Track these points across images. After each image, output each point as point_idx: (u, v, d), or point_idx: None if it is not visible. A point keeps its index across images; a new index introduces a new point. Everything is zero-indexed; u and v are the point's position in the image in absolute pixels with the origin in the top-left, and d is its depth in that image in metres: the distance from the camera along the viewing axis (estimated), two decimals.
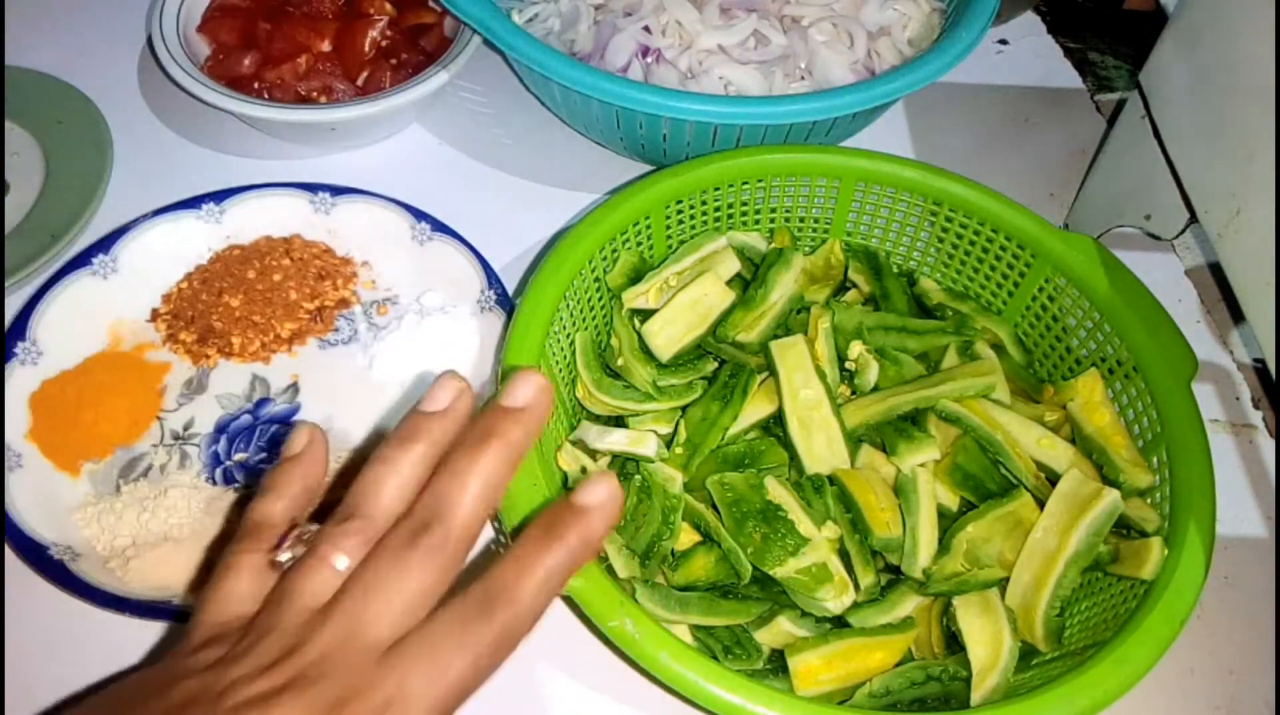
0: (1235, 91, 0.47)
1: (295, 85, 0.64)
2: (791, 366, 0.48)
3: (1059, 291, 0.51)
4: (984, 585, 0.44)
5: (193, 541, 0.48)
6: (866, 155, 0.53)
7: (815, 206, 0.55)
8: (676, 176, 0.52)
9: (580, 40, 0.63)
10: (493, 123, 0.70)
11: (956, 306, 0.53)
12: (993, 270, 0.54)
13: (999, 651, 0.42)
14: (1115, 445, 0.47)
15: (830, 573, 0.43)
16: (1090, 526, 0.43)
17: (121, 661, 0.46)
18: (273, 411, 0.54)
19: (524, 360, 0.45)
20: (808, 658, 0.42)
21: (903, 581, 0.45)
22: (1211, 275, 0.65)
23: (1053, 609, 0.42)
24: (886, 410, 0.47)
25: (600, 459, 0.48)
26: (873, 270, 0.54)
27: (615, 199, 0.51)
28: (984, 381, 0.48)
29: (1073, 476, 0.44)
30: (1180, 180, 0.52)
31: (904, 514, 0.45)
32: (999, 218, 0.52)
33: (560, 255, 0.49)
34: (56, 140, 0.64)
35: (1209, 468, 0.44)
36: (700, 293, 0.51)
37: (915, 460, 0.46)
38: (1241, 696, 0.48)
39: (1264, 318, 0.44)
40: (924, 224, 0.54)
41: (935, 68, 0.57)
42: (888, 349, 0.50)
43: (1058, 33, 0.80)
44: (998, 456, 0.46)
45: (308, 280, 0.57)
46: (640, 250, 0.53)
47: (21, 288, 0.57)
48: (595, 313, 0.52)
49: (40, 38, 0.72)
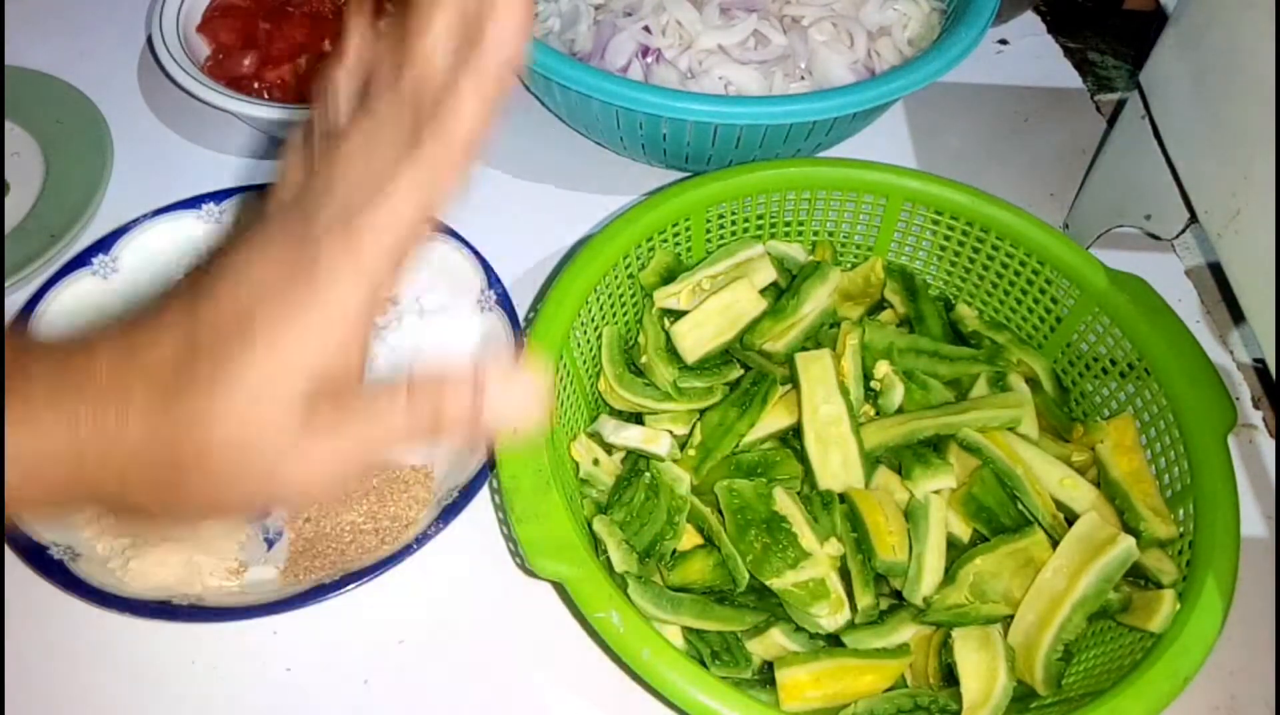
0: (1235, 91, 0.47)
1: (295, 85, 0.64)
2: (814, 380, 0.47)
3: (1103, 331, 0.50)
4: (986, 620, 0.43)
5: (192, 541, 0.48)
6: (916, 175, 0.53)
7: (860, 223, 0.55)
8: (721, 180, 0.52)
9: (580, 40, 0.63)
10: (493, 123, 0.70)
11: (993, 336, 0.52)
12: (1036, 303, 0.52)
13: (992, 688, 0.41)
14: (1140, 492, 0.45)
15: (828, 589, 0.43)
16: (1101, 572, 0.42)
17: (122, 661, 0.46)
18: None
19: (548, 345, 0.45)
20: (796, 672, 0.42)
21: (903, 608, 0.44)
22: (1211, 275, 0.65)
23: (1054, 651, 0.41)
24: (907, 433, 0.47)
25: (614, 453, 0.49)
26: (908, 291, 0.53)
27: (656, 198, 0.51)
28: (1010, 413, 0.47)
29: (1089, 519, 0.43)
30: (1180, 180, 0.52)
31: (912, 539, 0.44)
32: (1046, 250, 0.50)
33: (596, 248, 0.49)
34: (56, 140, 0.64)
35: (1235, 525, 0.42)
36: (732, 298, 0.51)
37: (930, 486, 0.45)
38: (1241, 696, 0.48)
39: (1264, 318, 0.44)
40: (969, 251, 0.53)
41: (935, 68, 0.57)
42: (917, 372, 0.50)
43: (1058, 33, 0.80)
44: (1016, 491, 0.45)
45: None
46: (678, 251, 0.53)
47: (21, 288, 0.57)
48: (626, 308, 0.53)
49: (40, 38, 0.72)
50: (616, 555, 0.44)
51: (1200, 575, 0.41)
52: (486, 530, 0.51)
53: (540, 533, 0.40)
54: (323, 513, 0.50)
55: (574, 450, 0.48)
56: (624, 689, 0.47)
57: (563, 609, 0.49)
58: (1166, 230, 0.56)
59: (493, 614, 0.49)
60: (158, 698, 0.46)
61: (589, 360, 0.50)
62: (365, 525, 0.49)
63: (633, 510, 0.46)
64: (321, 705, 0.46)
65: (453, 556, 0.50)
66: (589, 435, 0.48)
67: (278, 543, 0.50)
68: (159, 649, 0.47)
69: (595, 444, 0.48)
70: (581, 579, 0.39)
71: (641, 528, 0.45)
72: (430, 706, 0.46)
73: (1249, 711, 0.48)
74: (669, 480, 0.46)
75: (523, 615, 0.49)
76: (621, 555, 0.44)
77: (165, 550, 0.47)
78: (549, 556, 0.39)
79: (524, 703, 0.47)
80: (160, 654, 0.47)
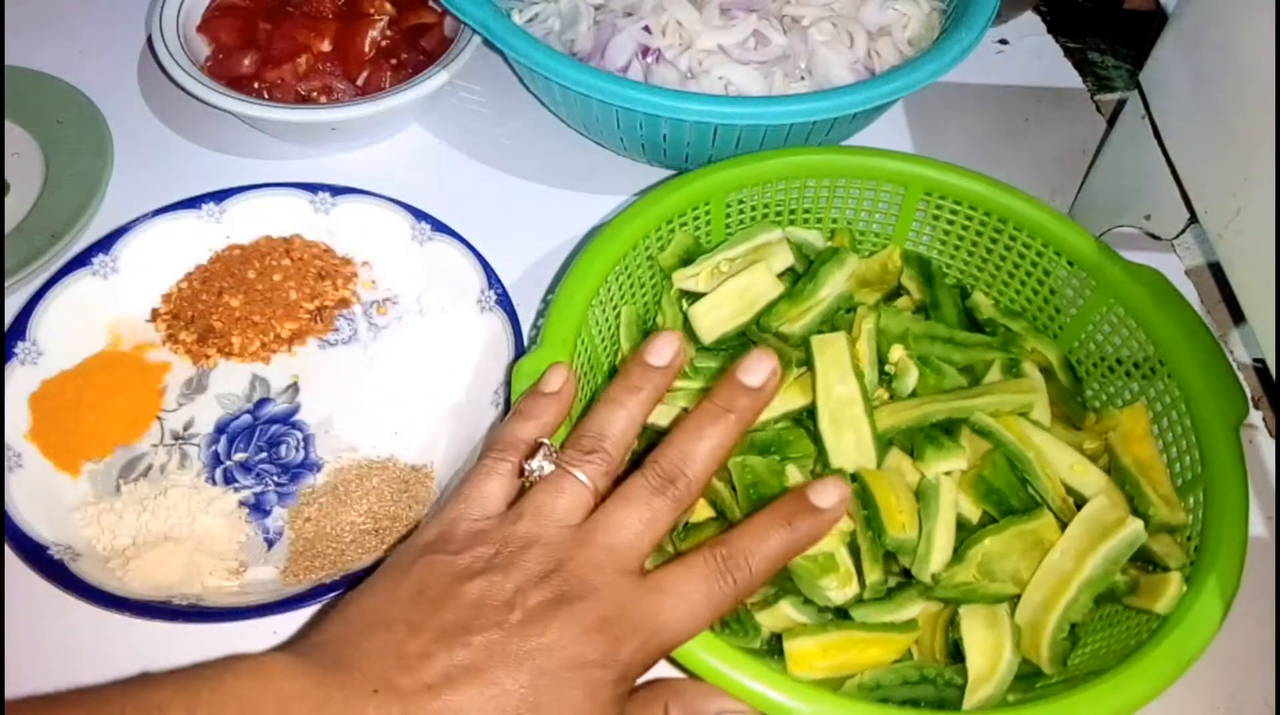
0: (1235, 91, 0.47)
1: (295, 85, 0.64)
2: (829, 362, 0.48)
3: (1118, 322, 0.50)
4: (993, 599, 0.43)
5: (192, 541, 0.48)
6: (935, 165, 0.53)
7: (879, 212, 0.55)
8: (742, 166, 0.52)
9: (580, 40, 0.63)
10: (493, 123, 0.70)
11: (1008, 323, 0.53)
12: (1052, 293, 0.53)
13: (997, 663, 0.41)
14: (1151, 479, 0.46)
15: (837, 563, 0.43)
16: (1108, 553, 0.42)
17: (122, 661, 0.46)
18: (273, 411, 0.54)
19: (564, 323, 0.46)
20: (804, 643, 0.42)
21: (911, 585, 0.45)
22: (1211, 275, 0.65)
23: (1060, 631, 0.42)
24: (920, 416, 0.47)
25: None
26: (924, 278, 0.54)
27: (676, 182, 0.52)
28: (1022, 399, 0.47)
29: (1098, 502, 0.44)
30: (1180, 180, 0.52)
31: (922, 518, 0.45)
32: (1063, 241, 0.51)
33: (614, 229, 0.49)
34: (56, 140, 0.64)
35: (1244, 514, 0.42)
36: (750, 281, 0.51)
37: (941, 467, 0.45)
38: (1241, 696, 0.48)
39: (1264, 318, 0.44)
40: (987, 240, 0.54)
41: (935, 68, 0.57)
42: (931, 358, 0.50)
43: (1058, 33, 0.80)
44: (1026, 475, 0.45)
45: (308, 280, 0.57)
46: (697, 234, 0.54)
47: (21, 288, 0.57)
48: (645, 289, 0.53)
49: (40, 38, 0.72)
50: None
51: (1208, 560, 0.42)
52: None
53: None
54: (323, 513, 0.50)
55: None
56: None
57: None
58: (1166, 230, 0.56)
59: None
60: None
61: (607, 338, 0.51)
62: (365, 525, 0.49)
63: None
64: None
65: None
66: None
67: (278, 543, 0.50)
68: (159, 649, 0.47)
69: None
70: None
71: None
72: None
73: (1249, 711, 0.48)
74: None
75: None
76: None
77: (165, 550, 0.47)
78: None
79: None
80: (160, 654, 0.47)
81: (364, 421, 0.54)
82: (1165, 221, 0.56)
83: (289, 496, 0.51)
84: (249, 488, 0.51)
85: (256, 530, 0.50)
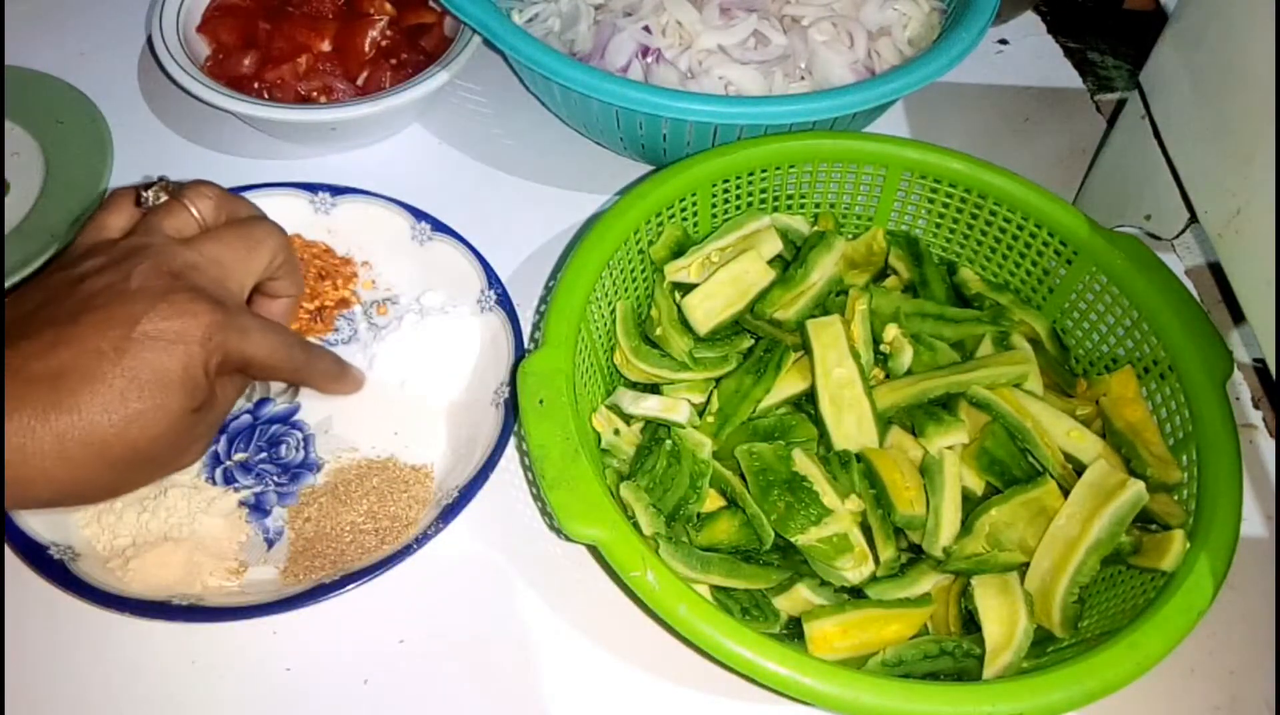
0: (1235, 91, 0.47)
1: (295, 85, 0.64)
2: (826, 345, 0.48)
3: (1101, 289, 0.51)
4: (1004, 568, 0.44)
5: (192, 541, 0.48)
6: (914, 145, 0.54)
7: (861, 194, 0.56)
8: (725, 155, 0.53)
9: (580, 40, 0.63)
10: (493, 123, 0.70)
11: (995, 297, 0.53)
12: (1034, 265, 0.54)
13: (1014, 631, 0.42)
14: (1145, 441, 0.47)
15: (851, 543, 0.44)
16: (1113, 516, 0.43)
17: (121, 661, 0.46)
18: (273, 411, 0.54)
19: (566, 322, 0.46)
20: (824, 624, 0.43)
21: (923, 560, 0.45)
22: (1211, 275, 0.65)
23: (1070, 595, 0.42)
24: (918, 393, 0.48)
25: (634, 423, 0.49)
26: (913, 257, 0.55)
27: (663, 174, 0.52)
28: (1017, 370, 0.48)
29: (1099, 466, 0.45)
30: (1180, 180, 0.52)
31: (928, 493, 0.45)
32: (1043, 213, 0.52)
33: (606, 224, 0.50)
34: (56, 140, 0.64)
35: (1238, 467, 0.44)
36: (741, 270, 0.51)
37: (943, 442, 0.46)
38: (1241, 696, 0.48)
39: (1264, 318, 0.44)
40: (967, 217, 0.55)
41: (935, 68, 0.57)
42: (923, 335, 0.51)
43: (1058, 33, 0.80)
44: (1025, 444, 0.46)
45: (308, 280, 0.57)
46: (685, 226, 0.54)
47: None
48: (637, 283, 0.53)
49: (40, 38, 0.72)
50: (644, 519, 0.45)
51: (1207, 515, 0.43)
52: (487, 530, 0.51)
53: (571, 497, 0.41)
54: (323, 513, 0.50)
55: (595, 422, 0.49)
56: (624, 687, 0.47)
57: (561, 610, 0.49)
58: (1166, 230, 0.56)
59: (492, 614, 0.49)
60: (158, 698, 0.46)
61: (603, 334, 0.51)
62: (365, 525, 0.49)
63: (655, 477, 0.47)
64: (321, 705, 0.46)
65: (453, 556, 0.50)
66: (608, 407, 0.49)
67: (278, 543, 0.50)
68: (159, 649, 0.47)
69: (614, 415, 0.49)
70: (615, 541, 0.40)
71: (665, 493, 0.46)
72: (430, 706, 0.46)
73: (1249, 711, 0.48)
74: (691, 446, 0.47)
75: (522, 615, 0.49)
76: (649, 518, 0.45)
77: (165, 550, 0.47)
78: (581, 520, 0.40)
79: (524, 702, 0.47)
80: (160, 654, 0.47)
81: (364, 421, 0.54)
82: (1165, 221, 0.56)
83: (289, 496, 0.51)
84: (249, 488, 0.51)
85: (256, 530, 0.50)
